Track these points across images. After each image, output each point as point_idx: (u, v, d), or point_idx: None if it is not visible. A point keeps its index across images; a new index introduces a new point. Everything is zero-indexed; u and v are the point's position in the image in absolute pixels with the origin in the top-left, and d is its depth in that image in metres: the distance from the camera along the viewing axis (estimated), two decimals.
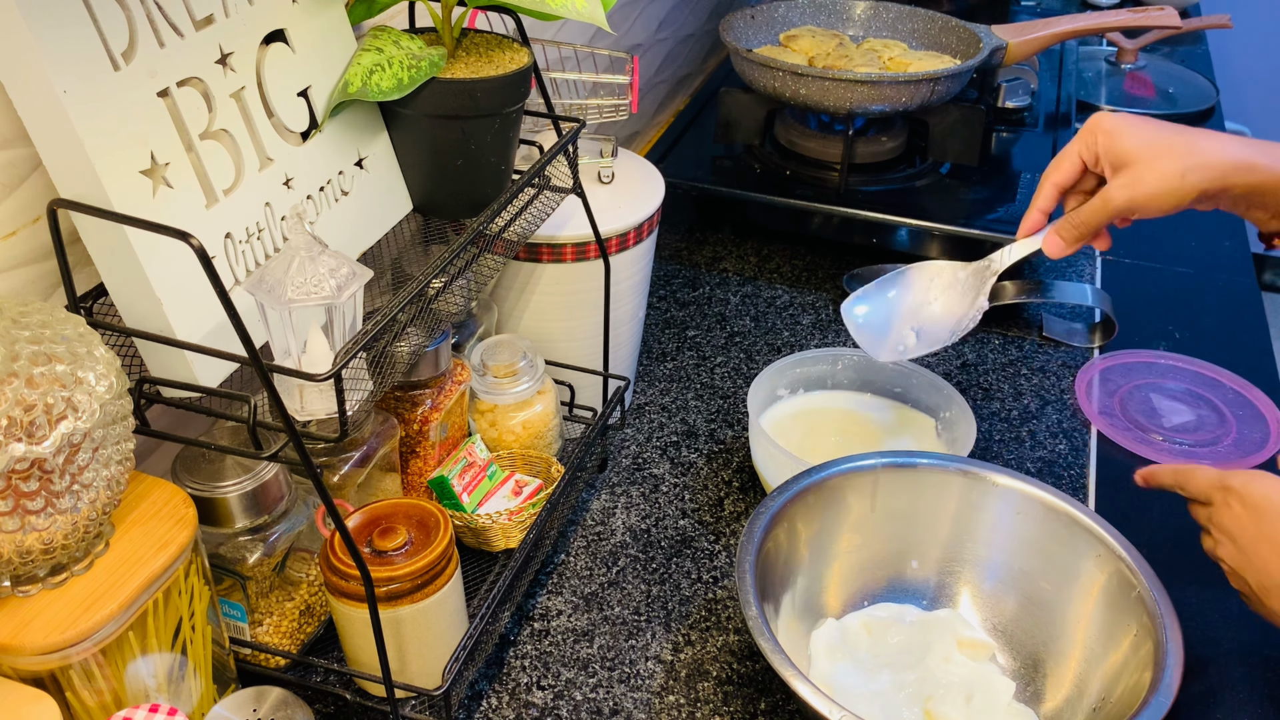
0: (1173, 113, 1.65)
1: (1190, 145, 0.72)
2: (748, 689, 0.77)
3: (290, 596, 0.72)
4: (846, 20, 1.48)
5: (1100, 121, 0.75)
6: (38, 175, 0.59)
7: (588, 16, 0.68)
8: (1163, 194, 0.73)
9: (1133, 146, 0.73)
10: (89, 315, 0.59)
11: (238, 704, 0.62)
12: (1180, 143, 0.72)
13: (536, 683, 0.76)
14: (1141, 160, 0.73)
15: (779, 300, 1.21)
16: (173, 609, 0.58)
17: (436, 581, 0.67)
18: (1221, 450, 1.00)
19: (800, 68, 1.18)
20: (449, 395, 0.81)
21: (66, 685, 0.54)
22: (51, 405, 0.48)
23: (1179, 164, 0.72)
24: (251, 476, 0.66)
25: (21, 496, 0.49)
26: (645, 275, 0.97)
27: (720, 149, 1.35)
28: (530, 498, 0.84)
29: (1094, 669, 0.71)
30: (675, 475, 0.96)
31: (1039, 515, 0.76)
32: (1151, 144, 0.73)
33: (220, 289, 0.51)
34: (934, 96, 1.21)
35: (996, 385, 1.08)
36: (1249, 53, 2.60)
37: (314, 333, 0.58)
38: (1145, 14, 1.42)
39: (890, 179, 1.29)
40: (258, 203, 0.64)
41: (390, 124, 0.74)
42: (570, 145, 0.80)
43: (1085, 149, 0.77)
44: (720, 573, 0.86)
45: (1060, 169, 0.78)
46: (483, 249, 0.73)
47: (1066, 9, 1.97)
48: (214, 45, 0.61)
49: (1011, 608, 0.78)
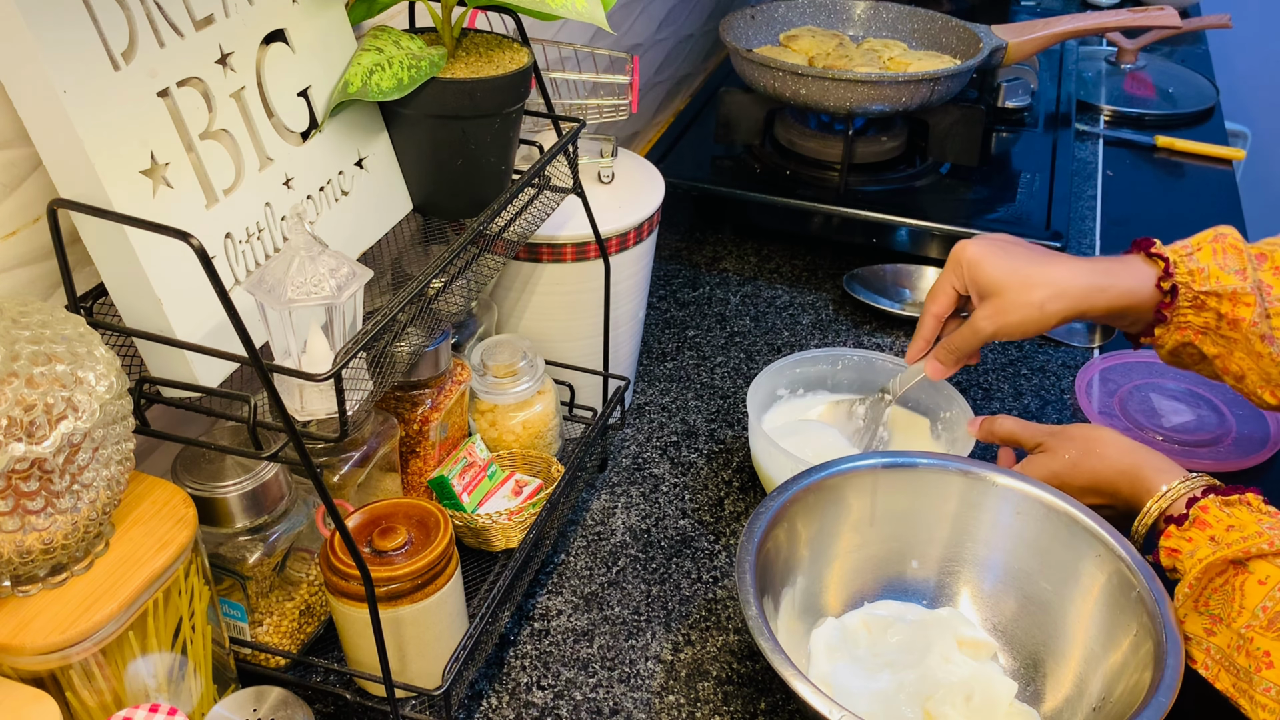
0: (1173, 112, 1.65)
1: (1046, 275, 0.79)
2: (748, 689, 0.77)
3: (290, 596, 0.72)
4: (846, 20, 1.48)
5: (963, 252, 0.82)
6: (38, 175, 0.59)
7: (588, 16, 0.68)
8: (1025, 323, 0.80)
9: (994, 279, 0.80)
10: (89, 315, 0.59)
11: (238, 704, 0.62)
12: (1037, 274, 0.79)
13: (536, 683, 0.76)
14: (1004, 293, 0.80)
15: (779, 300, 1.21)
16: (173, 609, 0.58)
17: (436, 581, 0.67)
18: (1222, 450, 1.00)
19: (800, 68, 1.18)
20: (449, 395, 0.81)
21: (66, 685, 0.54)
22: (51, 405, 0.48)
23: (1038, 295, 0.79)
24: (251, 476, 0.66)
25: (21, 496, 0.49)
26: (645, 275, 0.97)
27: (720, 149, 1.35)
28: (530, 498, 0.84)
29: (1094, 669, 0.71)
30: (675, 475, 0.96)
31: (1039, 515, 0.76)
32: (1011, 276, 0.80)
33: (220, 289, 0.51)
34: (934, 96, 1.21)
35: (996, 385, 1.08)
36: (1249, 53, 2.60)
37: (314, 333, 0.58)
38: (1145, 14, 1.42)
39: (890, 179, 1.29)
40: (258, 203, 0.64)
41: (390, 124, 0.74)
42: (570, 145, 0.80)
43: (955, 280, 0.84)
44: (720, 573, 0.86)
45: (937, 300, 0.86)
46: (483, 249, 0.73)
47: (1066, 9, 1.97)
48: (214, 45, 0.61)
49: (1011, 608, 0.78)
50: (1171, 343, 0.81)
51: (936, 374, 0.88)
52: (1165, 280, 0.79)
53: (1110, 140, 1.59)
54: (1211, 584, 0.67)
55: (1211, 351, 0.80)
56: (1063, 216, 1.21)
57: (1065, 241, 1.16)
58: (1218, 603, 0.66)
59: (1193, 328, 0.80)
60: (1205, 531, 0.68)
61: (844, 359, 0.98)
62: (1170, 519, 0.71)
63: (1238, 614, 0.64)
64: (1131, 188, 1.48)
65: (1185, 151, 1.56)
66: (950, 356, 0.86)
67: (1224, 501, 0.69)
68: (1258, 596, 0.64)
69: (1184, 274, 0.79)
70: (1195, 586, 0.67)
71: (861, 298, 1.18)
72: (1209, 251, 0.79)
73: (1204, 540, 0.68)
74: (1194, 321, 0.79)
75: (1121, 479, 0.77)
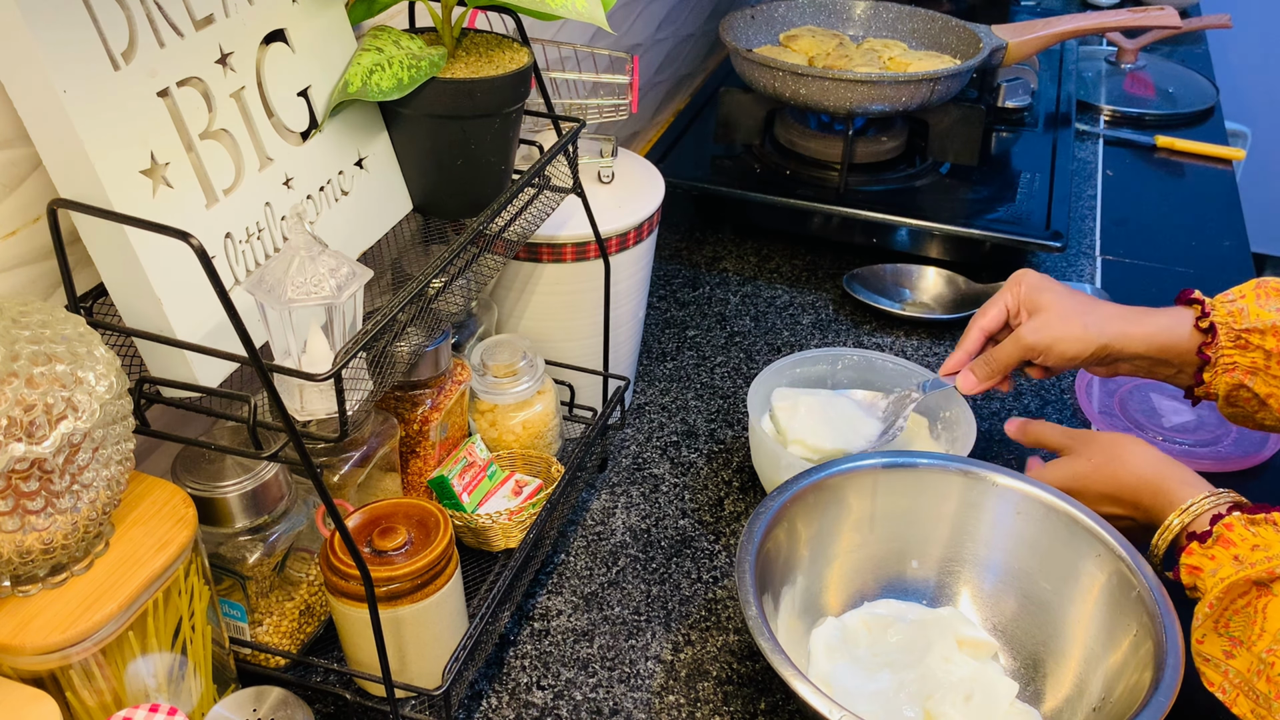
0: (1173, 112, 1.65)
1: (1094, 306, 0.84)
2: (748, 689, 0.77)
3: (290, 596, 0.72)
4: (846, 20, 1.48)
5: (1025, 276, 0.86)
6: (38, 175, 0.59)
7: (588, 16, 0.68)
8: (1067, 339, 0.82)
9: (1049, 300, 0.84)
10: (89, 315, 0.59)
11: (238, 704, 0.62)
12: (1087, 304, 0.84)
13: (536, 683, 0.76)
14: (1053, 309, 0.83)
15: (779, 300, 1.21)
16: (173, 609, 0.58)
17: (436, 581, 0.67)
18: (1221, 450, 1.00)
19: (800, 68, 1.18)
20: (449, 395, 0.81)
21: (66, 685, 0.54)
22: (51, 405, 0.48)
23: (1083, 318, 0.83)
24: (251, 476, 0.66)
25: (21, 496, 0.49)
26: (645, 275, 0.97)
27: (720, 149, 1.35)
28: (530, 498, 0.84)
29: (1094, 669, 0.71)
30: (675, 475, 0.96)
31: (1039, 515, 0.76)
32: (1063, 299, 0.84)
33: (220, 289, 0.51)
34: (934, 96, 1.21)
35: None
36: (1249, 53, 2.60)
37: (314, 333, 0.58)
38: (1145, 14, 1.42)
39: (890, 179, 1.29)
40: (258, 202, 0.64)
41: (390, 124, 0.74)
42: (570, 145, 0.80)
43: (1010, 297, 0.87)
44: (720, 572, 0.86)
45: (988, 315, 0.87)
46: (483, 249, 0.73)
47: (1066, 9, 1.97)
48: (214, 45, 0.61)
49: (1011, 608, 0.78)
50: (1223, 387, 0.80)
51: (969, 388, 0.87)
52: (1203, 320, 0.80)
53: (1110, 140, 1.59)
54: (1233, 605, 0.64)
55: (1264, 391, 0.79)
56: (1063, 216, 1.21)
57: (1065, 241, 1.16)
58: (1239, 625, 0.64)
59: (1240, 368, 0.79)
60: (1229, 550, 0.66)
61: (844, 359, 0.98)
62: (1193, 535, 0.69)
63: (1259, 637, 0.62)
64: (1131, 188, 1.48)
65: (1185, 151, 1.56)
66: (986, 370, 0.86)
67: (1250, 520, 0.67)
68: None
69: (1222, 315, 0.79)
70: (1216, 607, 0.65)
71: (861, 298, 1.18)
72: (1251, 296, 0.80)
73: (1227, 559, 0.66)
74: (1241, 362, 0.79)
75: (1144, 488, 0.76)
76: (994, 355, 0.86)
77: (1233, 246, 1.35)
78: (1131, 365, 0.84)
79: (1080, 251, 1.32)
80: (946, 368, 0.89)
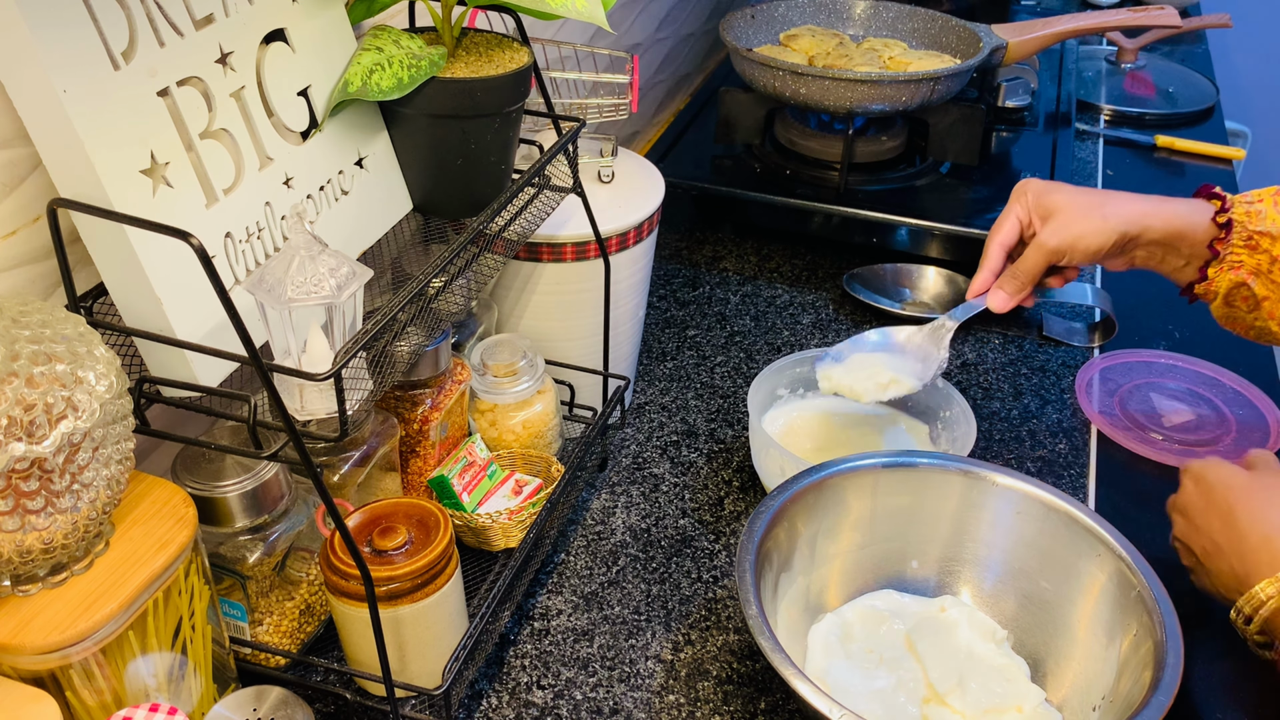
0: (1173, 112, 1.65)
1: (1108, 196, 0.84)
2: (748, 688, 0.77)
3: (290, 596, 0.72)
4: (846, 20, 1.48)
5: (1029, 184, 0.86)
6: (38, 175, 0.59)
7: (588, 16, 0.68)
8: (1089, 233, 0.82)
9: (1061, 200, 0.84)
10: (89, 315, 0.59)
11: (238, 703, 0.62)
12: (1100, 196, 0.84)
13: (536, 682, 0.76)
14: (1068, 209, 0.83)
15: (779, 300, 1.21)
16: (173, 608, 0.58)
17: (436, 581, 0.67)
18: (1221, 450, 1.00)
19: (800, 67, 1.18)
20: (449, 395, 0.81)
21: (66, 685, 0.54)
22: (51, 405, 0.48)
23: (1100, 210, 0.82)
24: (251, 476, 0.66)
25: (21, 496, 0.49)
26: (645, 275, 0.97)
27: (720, 148, 1.35)
28: (530, 497, 0.84)
29: (1094, 668, 0.71)
30: (675, 475, 0.96)
31: (1039, 515, 0.76)
32: (1075, 197, 0.83)
33: (220, 288, 0.51)
34: (934, 96, 1.21)
35: (996, 385, 1.08)
36: (1249, 53, 2.60)
37: (314, 332, 0.59)
38: (1145, 13, 1.42)
39: (890, 178, 1.29)
40: (258, 202, 0.64)
41: (390, 123, 0.74)
42: (570, 145, 0.80)
43: (1020, 209, 0.86)
44: (720, 572, 0.86)
45: (1003, 229, 0.87)
46: (483, 248, 0.73)
47: (1066, 8, 1.97)
48: (214, 45, 0.61)
49: (1011, 607, 0.78)
50: (1225, 284, 0.81)
51: (1002, 305, 0.86)
52: (1221, 215, 0.80)
53: (1110, 140, 1.59)
54: None
55: (1261, 293, 0.80)
56: None
57: None
58: None
59: (1246, 267, 0.80)
60: None
61: None
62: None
63: None
64: (1131, 187, 1.46)
65: (1185, 151, 1.56)
66: (1014, 284, 0.86)
67: None
68: None
69: (1240, 213, 0.80)
70: None
71: (861, 297, 1.18)
72: (1270, 201, 0.80)
73: None
74: (1247, 261, 0.79)
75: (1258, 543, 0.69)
76: (1019, 268, 0.85)
77: None
78: (1146, 253, 0.85)
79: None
80: (974, 289, 0.88)
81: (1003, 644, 0.76)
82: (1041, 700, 0.72)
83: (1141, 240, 0.83)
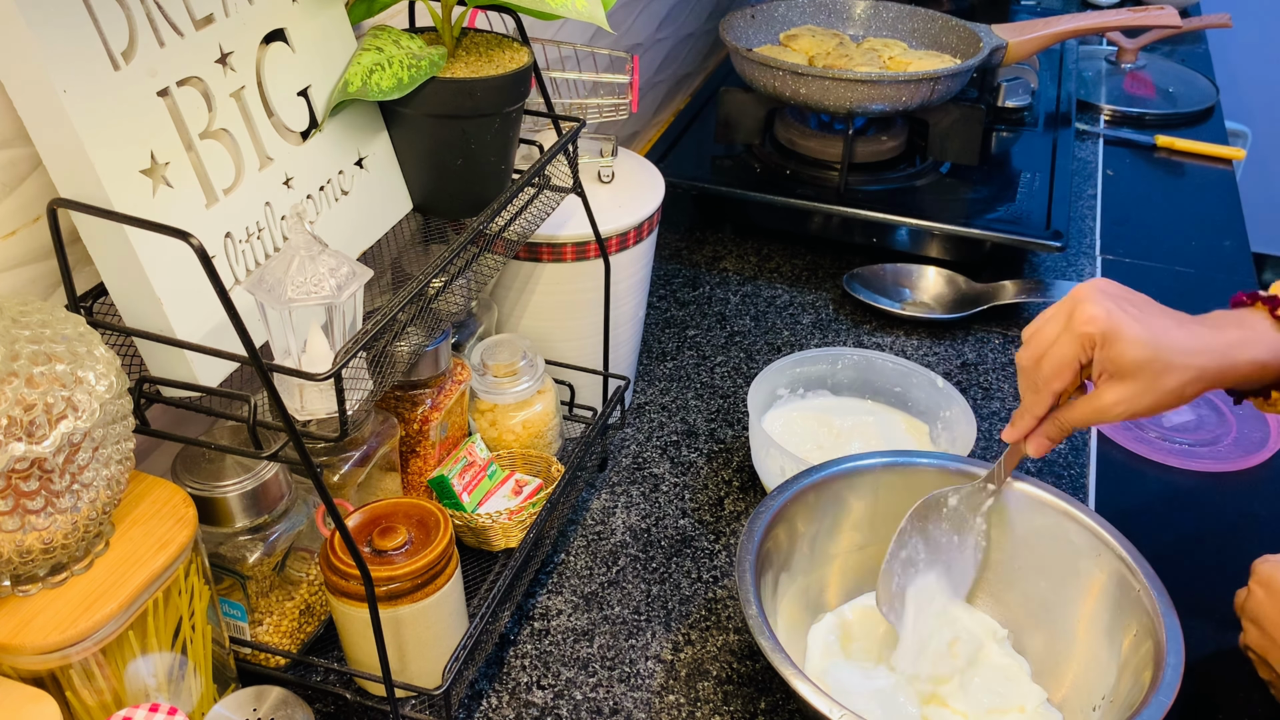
0: (1173, 112, 1.65)
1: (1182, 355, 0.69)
2: (748, 688, 0.77)
3: (290, 596, 0.72)
4: (846, 20, 1.48)
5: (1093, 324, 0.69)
6: (38, 175, 0.59)
7: (588, 16, 0.68)
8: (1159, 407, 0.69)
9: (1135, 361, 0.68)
10: (89, 315, 0.59)
11: (238, 703, 0.62)
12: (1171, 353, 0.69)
13: (536, 682, 0.76)
14: (1143, 375, 0.68)
15: (779, 300, 1.21)
16: (173, 608, 0.58)
17: (437, 581, 0.67)
18: (1221, 450, 1.00)
19: (800, 67, 1.18)
20: (449, 395, 0.81)
21: (66, 685, 0.54)
22: (51, 405, 0.48)
23: (1175, 380, 0.68)
24: (251, 476, 0.66)
25: (21, 496, 0.49)
26: (645, 275, 0.97)
27: (720, 148, 1.35)
28: (530, 497, 0.84)
29: (1094, 669, 0.71)
30: (675, 475, 0.96)
31: (1039, 515, 0.76)
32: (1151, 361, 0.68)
33: (220, 288, 0.51)
34: (934, 96, 1.21)
35: (996, 385, 1.08)
36: (1249, 53, 2.60)
37: (314, 332, 0.58)
38: (1145, 13, 1.42)
39: (890, 178, 1.29)
40: (258, 202, 0.64)
41: (390, 123, 0.74)
42: (570, 145, 0.80)
43: (1082, 353, 0.71)
44: (720, 572, 0.86)
45: (1062, 377, 0.72)
46: (483, 248, 0.73)
47: (1066, 8, 1.97)
48: (214, 44, 0.61)
49: (1011, 607, 0.78)
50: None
51: (1042, 451, 0.75)
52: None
53: (1110, 140, 1.59)
54: None
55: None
56: (1063, 216, 1.21)
57: (1065, 241, 1.16)
58: None
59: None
60: None
61: (844, 359, 0.98)
62: None
63: None
64: (1131, 187, 1.48)
65: (1185, 151, 1.56)
66: (1060, 433, 0.74)
67: None
68: None
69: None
70: None
71: (862, 297, 1.18)
72: None
73: None
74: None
75: None
76: (1066, 418, 0.73)
77: (1233, 246, 1.35)
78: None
79: (1080, 251, 1.32)
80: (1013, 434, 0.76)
81: (1004, 643, 0.76)
82: (1043, 700, 0.72)
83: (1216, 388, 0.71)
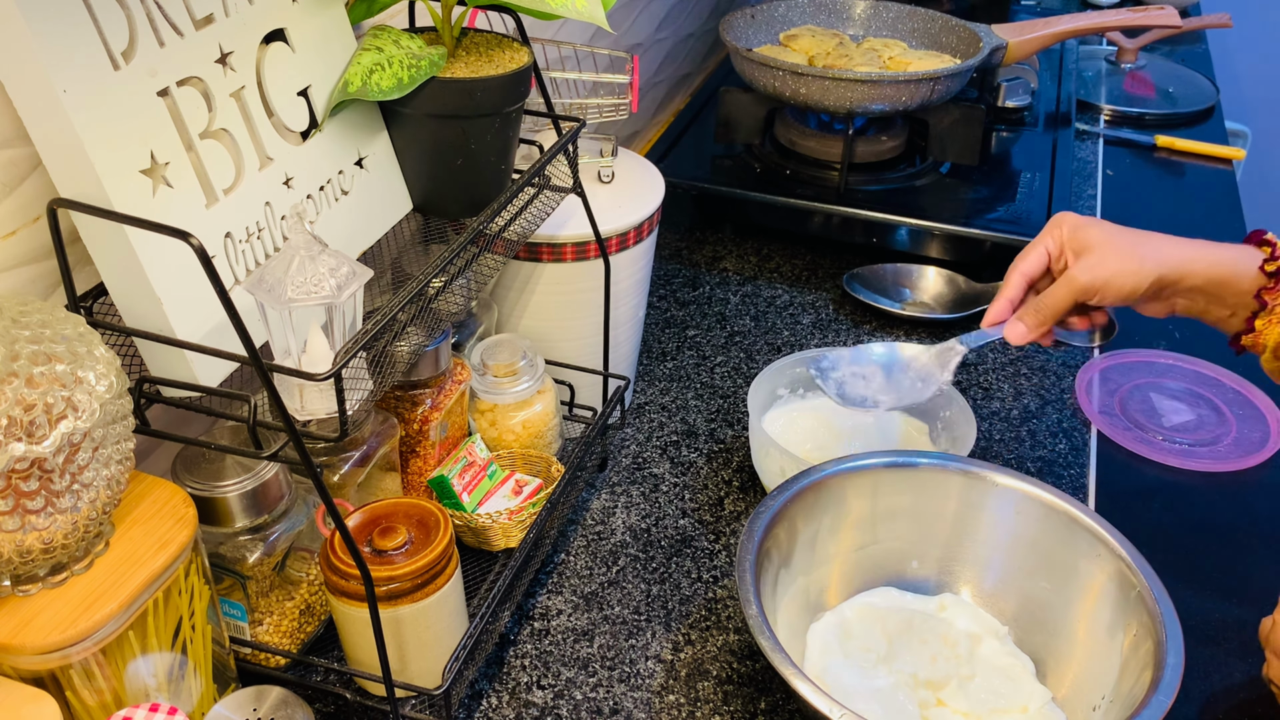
0: (1173, 112, 1.65)
1: (1149, 238, 0.78)
2: (748, 688, 0.77)
3: (290, 596, 0.72)
4: (846, 20, 1.48)
5: (1065, 217, 0.80)
6: (38, 175, 0.59)
7: (588, 16, 0.68)
8: (1123, 273, 0.76)
9: (1095, 235, 0.78)
10: (89, 315, 0.59)
11: (238, 703, 0.62)
12: (1140, 236, 0.78)
13: (536, 682, 0.76)
14: (1103, 246, 0.77)
15: (779, 300, 1.21)
16: (173, 608, 0.58)
17: (437, 581, 0.67)
18: (1221, 450, 1.00)
19: (800, 67, 1.18)
20: (449, 395, 0.81)
21: (66, 685, 0.54)
22: (51, 405, 0.48)
23: (1138, 250, 0.76)
24: (251, 476, 0.66)
25: (21, 496, 0.49)
26: (645, 275, 0.97)
27: (720, 148, 1.35)
28: (530, 497, 0.84)
29: (1094, 668, 0.71)
30: (675, 475, 0.96)
31: (1039, 515, 0.76)
32: (1112, 235, 0.77)
33: (220, 288, 0.51)
34: (934, 96, 1.21)
35: (996, 385, 1.08)
36: (1249, 53, 2.60)
37: (314, 332, 0.58)
38: (1145, 13, 1.42)
39: (890, 178, 1.29)
40: (258, 202, 0.64)
41: (390, 123, 0.74)
42: (570, 145, 0.80)
43: (1052, 241, 0.80)
44: (720, 572, 0.86)
45: (1028, 259, 0.81)
46: (483, 248, 0.73)
47: (1066, 8, 1.97)
48: (214, 44, 0.61)
49: (1011, 607, 0.78)
50: (1275, 337, 0.75)
51: (1020, 338, 0.80)
52: (1270, 263, 0.74)
53: (1110, 140, 1.59)
54: None
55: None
56: None
57: None
58: None
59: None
60: None
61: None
62: None
63: None
64: (1131, 187, 1.48)
65: (1185, 151, 1.56)
66: (1036, 317, 0.79)
67: None
68: None
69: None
70: None
71: (862, 297, 1.18)
72: None
73: None
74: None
75: None
76: (1043, 301, 0.79)
77: None
78: (1187, 300, 0.79)
79: None
80: (991, 318, 0.81)
81: (1005, 640, 0.76)
82: (1048, 700, 0.72)
83: (1181, 286, 0.77)
